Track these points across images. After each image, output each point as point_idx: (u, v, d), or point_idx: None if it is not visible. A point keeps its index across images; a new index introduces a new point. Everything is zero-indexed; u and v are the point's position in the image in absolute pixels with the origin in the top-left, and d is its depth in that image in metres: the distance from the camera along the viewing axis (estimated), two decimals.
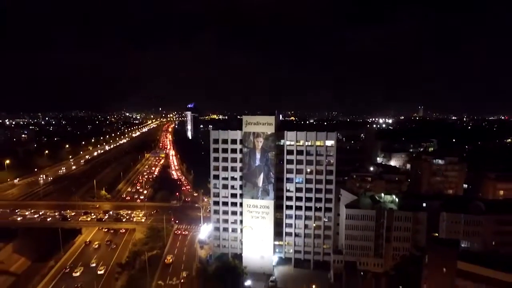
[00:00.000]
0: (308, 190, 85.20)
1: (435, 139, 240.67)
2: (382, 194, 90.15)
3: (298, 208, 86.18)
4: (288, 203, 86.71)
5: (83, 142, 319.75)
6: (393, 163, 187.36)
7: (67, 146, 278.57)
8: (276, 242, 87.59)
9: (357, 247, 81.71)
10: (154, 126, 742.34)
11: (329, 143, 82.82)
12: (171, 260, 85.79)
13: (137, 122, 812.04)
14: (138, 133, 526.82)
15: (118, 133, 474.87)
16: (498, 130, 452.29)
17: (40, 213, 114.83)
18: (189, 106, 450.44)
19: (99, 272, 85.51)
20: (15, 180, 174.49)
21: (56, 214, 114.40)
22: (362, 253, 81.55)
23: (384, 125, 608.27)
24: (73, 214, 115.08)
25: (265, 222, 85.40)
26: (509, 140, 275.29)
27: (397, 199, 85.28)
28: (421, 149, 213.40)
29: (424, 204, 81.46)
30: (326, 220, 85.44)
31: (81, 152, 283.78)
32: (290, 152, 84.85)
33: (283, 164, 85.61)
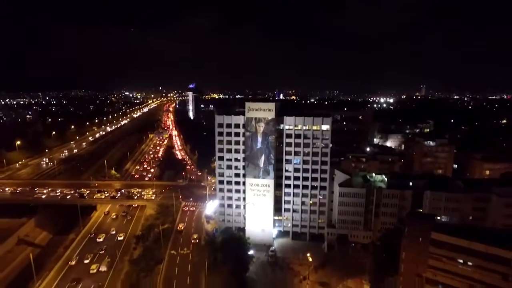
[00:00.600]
0: (305, 171, 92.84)
1: (432, 120, 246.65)
2: (373, 174, 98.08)
3: (296, 186, 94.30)
4: (287, 182, 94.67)
5: (87, 123, 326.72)
6: (389, 144, 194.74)
7: (72, 127, 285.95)
8: (276, 217, 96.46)
9: (349, 222, 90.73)
10: (155, 106, 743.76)
11: (325, 127, 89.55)
12: (182, 227, 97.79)
13: (137, 102, 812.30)
14: (139, 113, 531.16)
15: (120, 113, 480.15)
16: (498, 110, 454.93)
17: (57, 191, 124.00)
18: (190, 86, 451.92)
19: (119, 238, 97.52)
20: (17, 164, 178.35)
21: (72, 192, 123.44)
22: (353, 227, 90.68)
23: (385, 105, 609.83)
24: (87, 192, 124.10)
25: (266, 199, 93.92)
26: (504, 121, 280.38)
27: (386, 179, 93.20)
28: (417, 130, 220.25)
29: (411, 183, 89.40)
30: (321, 197, 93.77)
31: (87, 133, 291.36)
32: (289, 136, 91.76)
33: (282, 147, 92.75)
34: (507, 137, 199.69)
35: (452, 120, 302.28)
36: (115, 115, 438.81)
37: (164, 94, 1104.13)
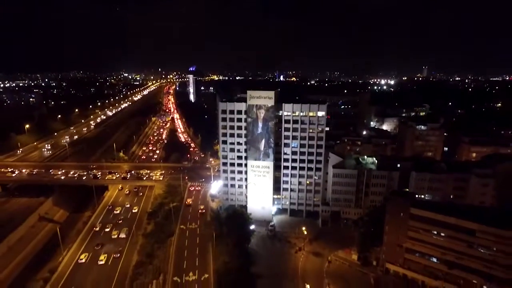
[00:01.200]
0: (302, 153, 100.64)
1: (429, 104, 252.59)
2: (365, 156, 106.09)
3: (294, 168, 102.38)
4: (285, 164, 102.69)
5: (90, 106, 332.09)
6: (385, 127, 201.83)
7: (76, 110, 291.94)
8: (275, 196, 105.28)
9: (341, 200, 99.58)
10: (155, 88, 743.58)
11: (320, 114, 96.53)
12: (190, 202, 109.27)
13: (137, 83, 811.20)
14: (140, 96, 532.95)
15: (120, 95, 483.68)
16: (498, 92, 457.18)
17: (71, 172, 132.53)
18: (191, 69, 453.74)
19: (133, 211, 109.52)
20: (18, 151, 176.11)
21: (85, 173, 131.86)
22: (345, 205, 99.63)
23: (385, 87, 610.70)
24: (99, 173, 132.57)
25: (266, 179, 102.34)
26: (499, 104, 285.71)
27: (377, 161, 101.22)
28: (413, 114, 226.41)
29: (399, 165, 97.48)
30: (317, 178, 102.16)
31: (91, 116, 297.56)
32: (287, 122, 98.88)
33: (281, 132, 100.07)
34: (499, 121, 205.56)
35: (450, 103, 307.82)
36: (116, 97, 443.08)
37: (163, 76, 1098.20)
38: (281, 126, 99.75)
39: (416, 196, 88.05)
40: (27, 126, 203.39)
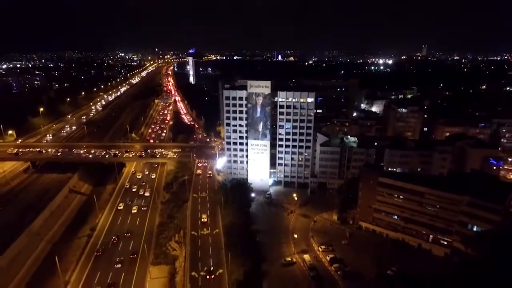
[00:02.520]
0: (294, 134, 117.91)
1: (421, 86, 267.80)
2: (349, 136, 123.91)
3: (287, 146, 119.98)
4: (280, 143, 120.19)
5: (94, 89, 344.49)
6: (374, 109, 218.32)
7: (83, 93, 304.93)
8: (271, 170, 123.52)
9: (327, 173, 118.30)
10: (153, 69, 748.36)
11: (310, 100, 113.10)
12: (200, 172, 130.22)
13: (135, 64, 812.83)
14: (139, 78, 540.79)
15: (121, 76, 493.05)
16: (493, 72, 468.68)
17: (92, 151, 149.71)
18: (190, 51, 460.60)
19: (152, 177, 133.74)
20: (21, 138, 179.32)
21: (104, 152, 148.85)
22: (330, 177, 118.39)
23: (382, 67, 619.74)
24: (118, 152, 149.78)
25: (263, 156, 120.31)
26: (484, 86, 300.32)
27: (357, 140, 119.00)
28: (401, 96, 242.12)
29: (376, 143, 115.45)
30: (306, 154, 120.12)
31: (98, 99, 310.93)
32: (281, 107, 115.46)
33: (276, 115, 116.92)
34: (481, 103, 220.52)
35: (441, 85, 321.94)
36: (117, 79, 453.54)
37: (160, 56, 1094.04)
38: (277, 111, 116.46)
39: (389, 169, 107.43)
40: (41, 109, 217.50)
